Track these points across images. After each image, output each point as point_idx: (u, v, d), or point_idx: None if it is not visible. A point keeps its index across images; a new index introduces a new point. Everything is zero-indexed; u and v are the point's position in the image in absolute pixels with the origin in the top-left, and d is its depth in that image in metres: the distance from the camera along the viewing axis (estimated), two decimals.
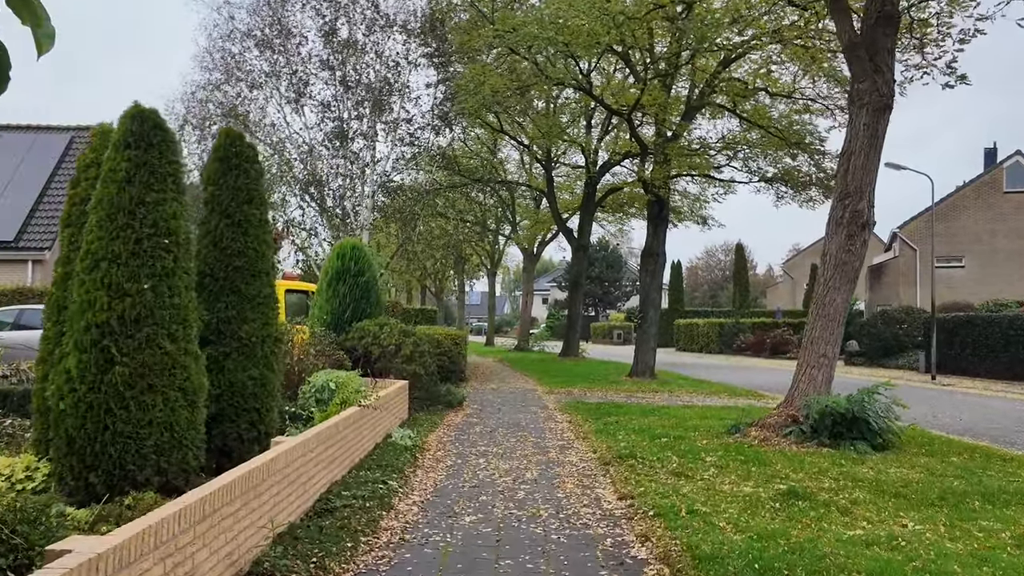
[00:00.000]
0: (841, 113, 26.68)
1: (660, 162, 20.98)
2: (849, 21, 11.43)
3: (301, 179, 25.37)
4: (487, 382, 22.57)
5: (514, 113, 29.69)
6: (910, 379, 28.17)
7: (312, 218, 27.25)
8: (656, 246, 23.58)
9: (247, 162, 8.33)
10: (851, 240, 11.44)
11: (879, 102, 11.24)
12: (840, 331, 11.62)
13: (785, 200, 31.28)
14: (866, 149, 11.34)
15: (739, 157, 29.62)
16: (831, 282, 11.52)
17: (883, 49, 11.25)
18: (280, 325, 8.53)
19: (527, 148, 34.01)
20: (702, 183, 32.67)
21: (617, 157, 30.84)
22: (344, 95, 25.11)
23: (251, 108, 25.29)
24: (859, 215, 11.39)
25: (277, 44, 24.90)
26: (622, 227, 46.22)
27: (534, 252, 47.21)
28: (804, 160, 28.70)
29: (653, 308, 23.97)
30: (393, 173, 27.24)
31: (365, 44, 24.88)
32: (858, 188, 11.38)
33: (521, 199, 44.34)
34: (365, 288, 15.54)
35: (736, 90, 23.85)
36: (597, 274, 70.70)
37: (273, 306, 8.38)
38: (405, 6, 25.77)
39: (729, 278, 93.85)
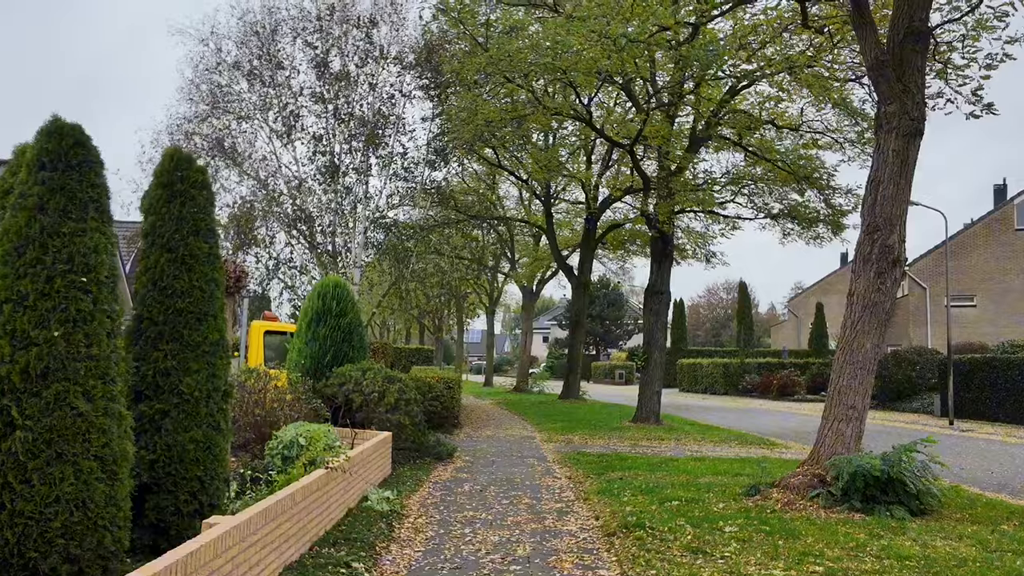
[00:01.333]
0: (851, 147, 25.76)
1: (664, 196, 19.94)
2: (875, 37, 10.41)
3: (290, 215, 24.31)
4: (482, 428, 21.29)
5: (511, 147, 28.79)
6: (926, 424, 26.88)
7: (302, 255, 26.18)
8: (660, 284, 22.45)
9: (195, 188, 7.22)
10: (881, 278, 10.30)
11: (909, 126, 10.17)
12: (871, 380, 10.42)
13: (792, 237, 30.28)
14: (896, 178, 10.25)
15: (744, 192, 28.67)
16: (860, 325, 10.35)
17: (913, 68, 10.21)
18: (230, 377, 7.34)
19: (525, 183, 33.08)
20: (706, 220, 31.66)
21: (618, 193, 29.86)
22: (336, 128, 24.17)
23: (239, 141, 24.33)
24: (889, 250, 10.26)
25: (267, 76, 24.02)
26: (623, 264, 45.18)
27: (533, 290, 46.11)
28: (811, 196, 27.73)
29: (658, 349, 22.77)
30: (387, 209, 26.22)
31: (358, 76, 24.00)
32: (887, 221, 10.27)
33: (520, 236, 43.34)
34: (347, 330, 14.37)
35: (742, 123, 22.91)
36: (598, 312, 69.53)
37: (222, 354, 7.21)
38: (399, 37, 24.95)
39: (731, 316, 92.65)
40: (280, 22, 23.87)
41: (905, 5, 10.21)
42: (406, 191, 26.03)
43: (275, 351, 16.45)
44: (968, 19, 12.67)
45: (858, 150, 25.50)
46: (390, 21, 24.87)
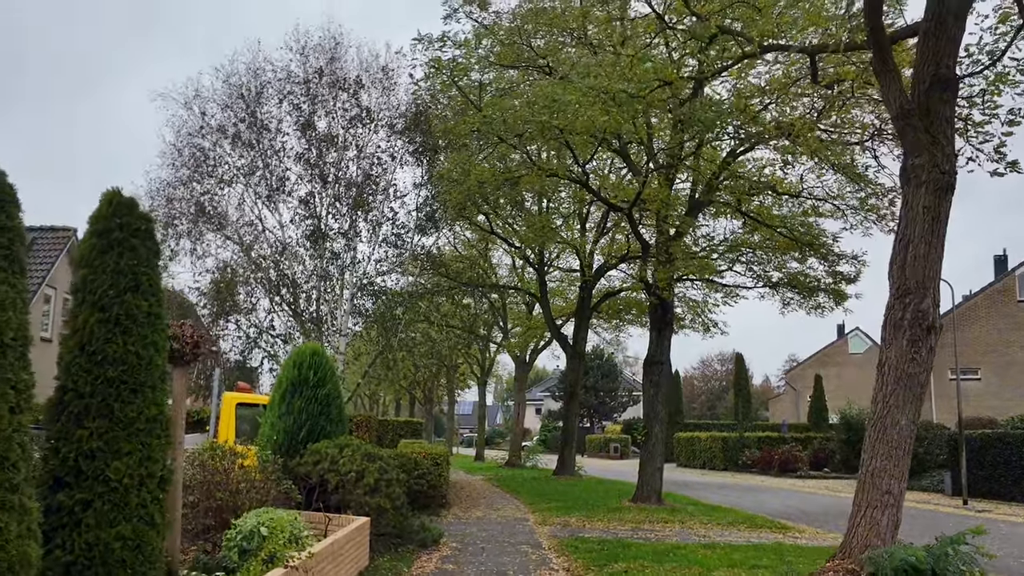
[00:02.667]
0: (853, 214, 25.07)
1: (663, 262, 19.06)
2: (899, 85, 9.63)
3: (273, 280, 23.31)
4: (472, 508, 19.88)
5: (504, 214, 28.08)
6: (938, 503, 25.54)
7: (286, 323, 25.08)
8: (660, 353, 21.37)
9: (136, 236, 6.20)
10: (915, 347, 9.28)
11: (940, 180, 9.30)
12: (907, 461, 9.31)
13: (792, 307, 29.37)
14: (927, 236, 9.33)
15: (743, 260, 27.89)
16: (893, 399, 9.28)
17: (941, 118, 9.40)
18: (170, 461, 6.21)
19: (519, 251, 32.29)
20: (704, 289, 30.80)
21: (614, 260, 29.03)
22: (322, 190, 23.38)
23: (220, 205, 23.48)
24: (923, 316, 9.27)
25: (252, 139, 23.33)
26: (618, 334, 44.13)
27: (526, 360, 44.90)
28: (812, 264, 26.96)
29: (658, 423, 21.56)
30: (375, 275, 25.27)
31: (346, 138, 23.33)
32: (920, 283, 9.31)
33: (513, 304, 42.38)
34: (325, 402, 13.19)
35: (741, 188, 22.25)
36: (592, 384, 68.15)
37: (160, 433, 6.08)
38: (389, 102, 24.39)
39: (727, 388, 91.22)
40: (266, 84, 23.30)
41: (930, 52, 9.47)
42: (395, 257, 25.15)
43: (249, 425, 15.23)
44: (989, 72, 11.98)
45: (860, 217, 24.82)
46: (381, 86, 24.38)
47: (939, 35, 9.42)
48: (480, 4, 21.89)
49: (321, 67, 22.98)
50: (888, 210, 24.13)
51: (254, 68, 23.41)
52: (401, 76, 24.00)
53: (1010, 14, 11.14)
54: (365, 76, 24.13)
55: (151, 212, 23.79)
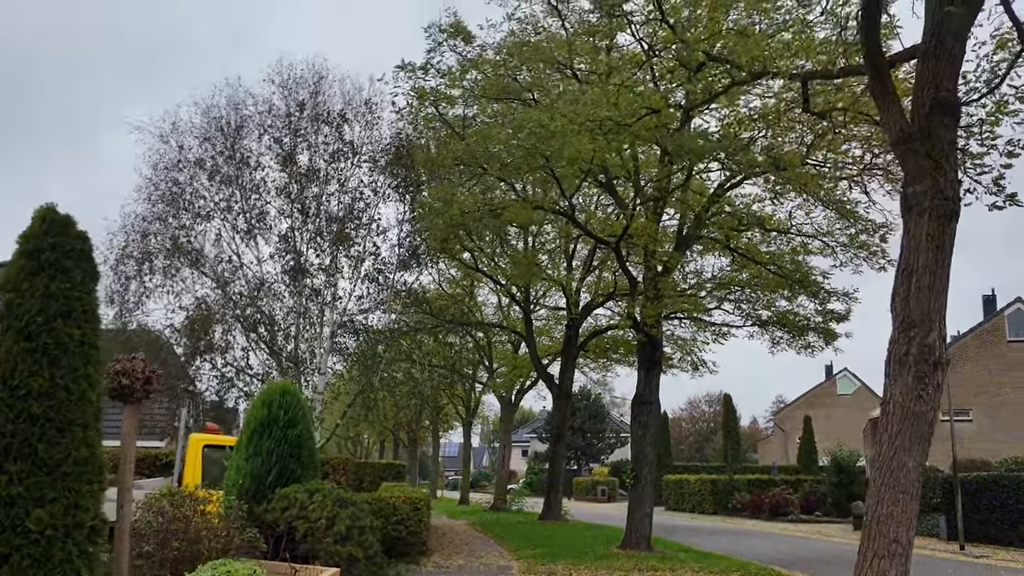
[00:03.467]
0: (843, 251, 24.71)
1: (652, 298, 18.53)
2: (898, 108, 9.20)
3: (250, 317, 22.61)
4: (454, 555, 19.02)
5: (489, 251, 27.59)
6: (935, 548, 24.82)
7: (264, 361, 24.31)
8: (648, 393, 20.73)
9: (70, 258, 5.58)
10: (921, 384, 8.71)
11: (944, 207, 8.83)
12: (915, 507, 8.68)
13: (781, 346, 28.87)
14: (932, 266, 8.82)
15: (731, 299, 27.44)
16: (899, 440, 8.68)
17: (943, 142, 8.96)
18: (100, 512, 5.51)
19: (504, 288, 31.76)
20: (693, 328, 30.30)
21: (600, 299, 28.51)
22: (303, 224, 22.81)
23: (197, 240, 22.87)
24: (929, 351, 8.72)
25: (231, 173, 22.80)
26: (605, 374, 43.45)
27: (512, 400, 44.10)
28: (802, 302, 26.53)
29: (648, 465, 20.83)
30: (356, 312, 24.61)
31: (328, 172, 22.84)
32: (925, 316, 8.77)
33: (498, 343, 41.70)
34: (296, 444, 12.46)
35: (729, 224, 21.86)
36: (579, 425, 67.18)
37: (93, 478, 5.41)
38: (372, 136, 23.98)
39: (714, 430, 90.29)
40: (247, 118, 22.84)
41: (930, 74, 9.06)
42: (377, 294, 24.52)
43: (218, 468, 14.43)
44: (987, 101, 11.61)
45: (850, 254, 24.47)
46: (364, 120, 23.99)
47: (939, 56, 9.02)
48: (464, 38, 21.63)
49: (303, 100, 22.58)
50: (878, 247, 23.82)
51: (235, 101, 23.00)
52: (384, 111, 23.65)
53: (1008, 39, 10.81)
54: (348, 110, 23.77)
55: (126, 248, 23.43)
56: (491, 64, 20.69)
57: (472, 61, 20.38)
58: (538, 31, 20.58)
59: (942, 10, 9.08)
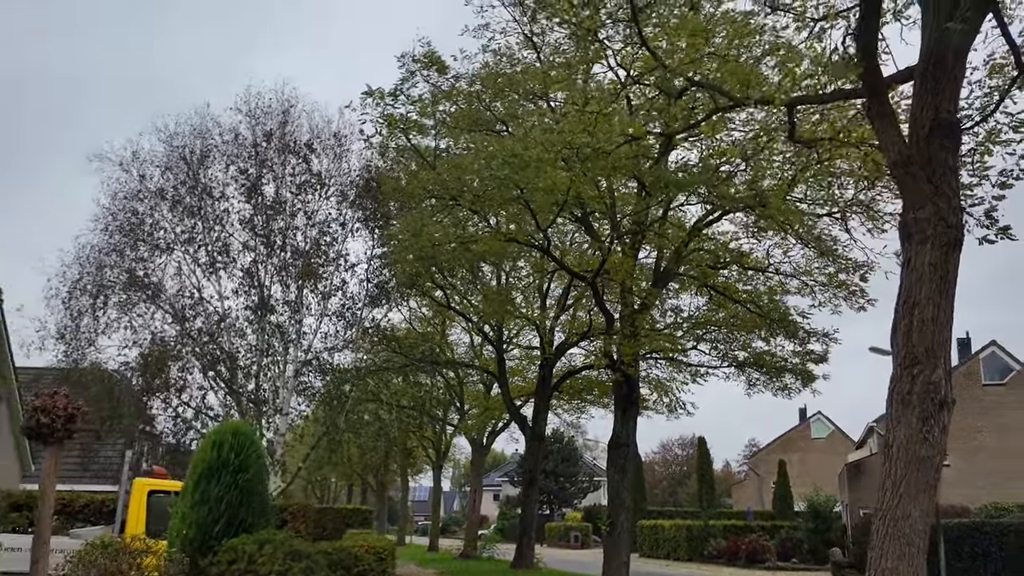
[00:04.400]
0: (821, 290, 24.24)
1: (628, 336, 17.84)
2: (897, 131, 8.66)
3: (209, 354, 21.58)
4: None
5: (461, 288, 26.82)
6: None
7: (223, 401, 23.21)
8: (625, 435, 19.94)
9: None
10: (926, 425, 8.03)
11: (947, 235, 8.24)
12: (922, 560, 7.94)
13: (758, 388, 28.25)
14: (935, 298, 8.20)
15: (707, 339, 26.83)
16: (904, 487, 7.97)
17: (944, 167, 8.41)
18: None
19: (477, 327, 30.95)
20: (670, 368, 29.58)
21: (575, 338, 27.77)
22: (268, 258, 21.94)
23: (155, 274, 21.91)
24: (934, 389, 8.06)
25: (193, 204, 21.95)
26: (579, 416, 42.48)
27: (484, 443, 42.99)
28: (779, 343, 25.99)
29: (624, 511, 19.95)
30: (322, 351, 23.67)
31: (294, 204, 22.06)
32: (929, 351, 8.13)
33: (470, 383, 40.71)
34: (247, 489, 11.46)
35: (705, 261, 21.34)
36: (552, 468, 65.89)
37: None
38: (340, 168, 23.30)
39: (688, 474, 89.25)
40: (212, 147, 22.06)
41: (929, 95, 8.53)
42: (344, 331, 23.62)
43: (161, 516, 13.36)
44: (979, 129, 11.15)
45: (829, 294, 24.00)
46: (332, 153, 23.34)
47: (938, 75, 8.51)
48: (439, 69, 21.07)
49: (271, 130, 21.86)
50: (857, 286, 23.38)
51: (200, 130, 22.23)
52: (353, 143, 23.02)
53: (1003, 65, 10.37)
54: (316, 142, 23.12)
55: (79, 281, 22.36)
56: (465, 95, 20.14)
57: (445, 92, 19.81)
58: (513, 63, 20.12)
59: (940, 27, 8.60)
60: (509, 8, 19.96)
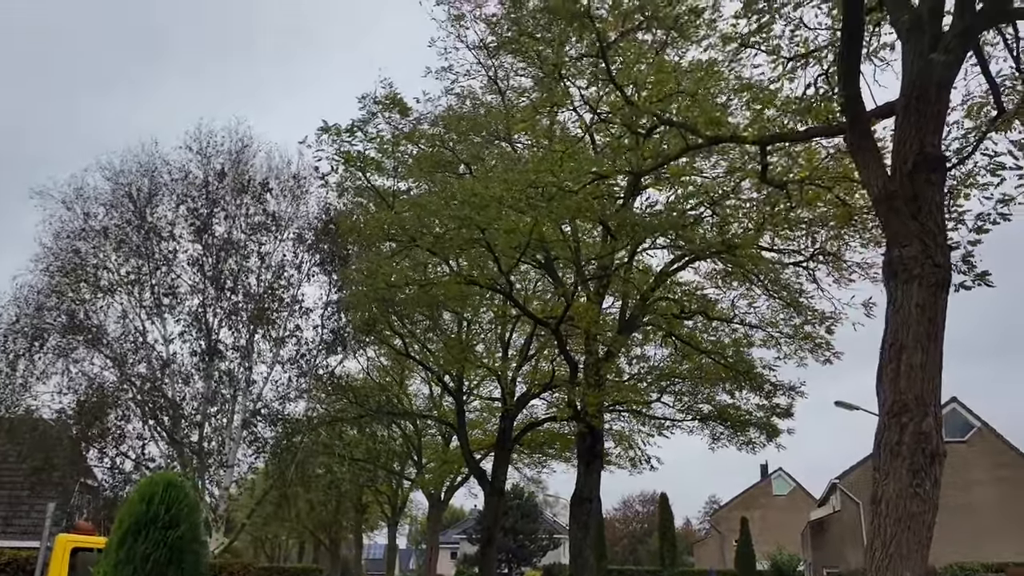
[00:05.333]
0: (787, 343, 23.90)
1: (593, 384, 17.17)
2: (880, 165, 8.25)
3: (151, 402, 20.42)
4: None
5: (420, 335, 25.94)
6: None
7: (166, 452, 21.95)
8: (588, 490, 19.12)
9: None
10: (917, 478, 7.46)
11: (935, 275, 7.76)
12: None
13: (722, 442, 27.69)
14: (923, 341, 7.69)
15: (672, 391, 26.27)
16: (894, 547, 7.34)
17: (930, 203, 7.98)
18: None
19: (436, 376, 30.01)
20: (633, 421, 28.89)
21: (537, 388, 26.99)
22: (217, 300, 20.98)
23: (97, 316, 20.80)
24: (925, 439, 7.50)
25: (139, 244, 21.01)
26: (540, 471, 41.38)
27: (441, 498, 41.63)
28: (744, 396, 25.51)
29: (587, 570, 19.03)
30: (274, 400, 22.61)
31: (247, 244, 21.22)
32: (919, 398, 7.58)
33: (429, 436, 39.53)
34: (178, 547, 10.35)
35: (671, 310, 20.86)
36: (511, 525, 64.23)
37: None
38: (299, 211, 22.59)
39: (649, 531, 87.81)
40: (160, 186, 21.22)
41: (912, 129, 8.14)
42: (298, 378, 22.63)
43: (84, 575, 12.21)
44: (956, 172, 10.85)
45: (795, 346, 23.65)
46: (291, 194, 22.64)
47: (921, 109, 8.13)
48: (401, 111, 20.60)
49: (223, 168, 21.11)
50: (823, 339, 23.07)
51: (150, 168, 21.39)
52: (313, 184, 22.35)
53: (983, 104, 10.11)
54: (275, 183, 22.42)
55: (16, 323, 21.16)
56: (427, 137, 19.66)
57: (407, 134, 19.31)
58: (477, 106, 19.75)
59: (922, 59, 8.26)
60: (473, 51, 19.70)
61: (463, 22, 18.17)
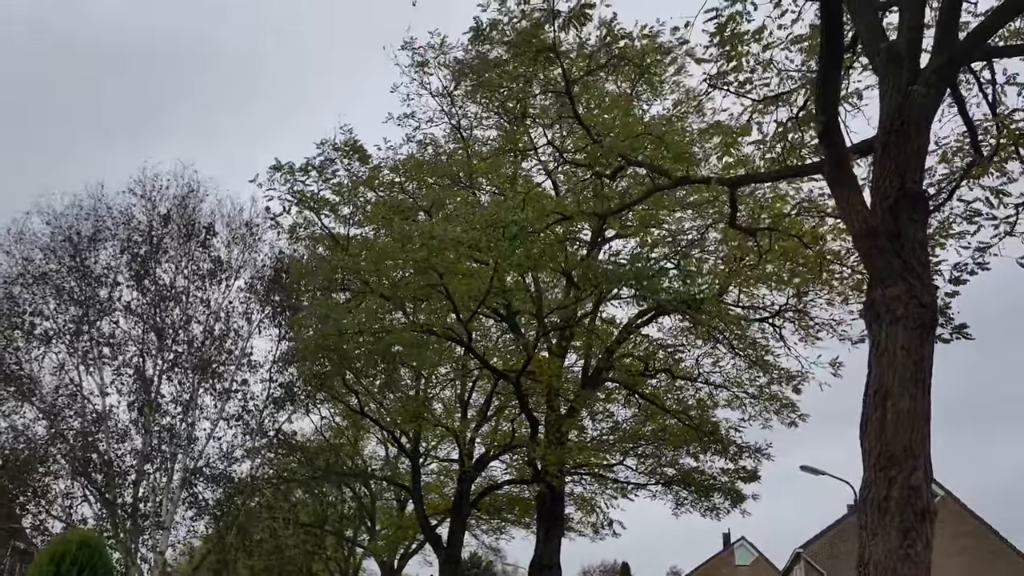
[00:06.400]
0: (752, 403, 23.37)
1: (555, 442, 16.35)
2: (860, 200, 7.76)
3: (82, 458, 19.11)
4: None
5: (375, 391, 24.92)
6: None
7: (98, 513, 20.52)
8: (548, 556, 18.12)
9: None
10: (908, 539, 6.75)
11: (921, 316, 7.22)
12: None
13: (686, 507, 26.91)
14: (910, 387, 7.09)
15: (635, 453, 25.50)
16: None
17: (912, 241, 7.49)
18: None
19: (392, 436, 28.86)
20: (595, 485, 27.96)
21: (497, 449, 26.04)
22: (159, 352, 19.90)
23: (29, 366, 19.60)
24: (915, 494, 6.84)
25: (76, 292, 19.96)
26: (498, 537, 39.90)
27: (395, 566, 39.81)
28: (709, 458, 24.82)
29: None
30: (216, 458, 21.39)
31: (192, 293, 20.27)
32: (907, 449, 6.94)
33: (383, 501, 37.96)
34: None
35: (635, 367, 20.27)
36: None
37: None
38: (249, 259, 21.75)
39: None
40: (103, 230, 20.28)
41: (892, 164, 7.69)
42: (242, 436, 21.47)
43: None
44: (931, 220, 10.46)
45: (760, 407, 23.11)
46: (242, 242, 21.84)
47: (901, 145, 7.70)
48: (360, 158, 19.99)
49: (169, 213, 20.25)
50: (788, 400, 22.60)
51: (89, 211, 20.45)
52: (265, 232, 21.58)
53: (958, 149, 9.78)
54: (225, 230, 21.62)
55: None
56: (385, 185, 19.08)
57: (365, 180, 18.69)
58: (439, 152, 19.30)
59: (899, 95, 7.88)
60: (437, 98, 19.32)
61: (427, 68, 17.81)
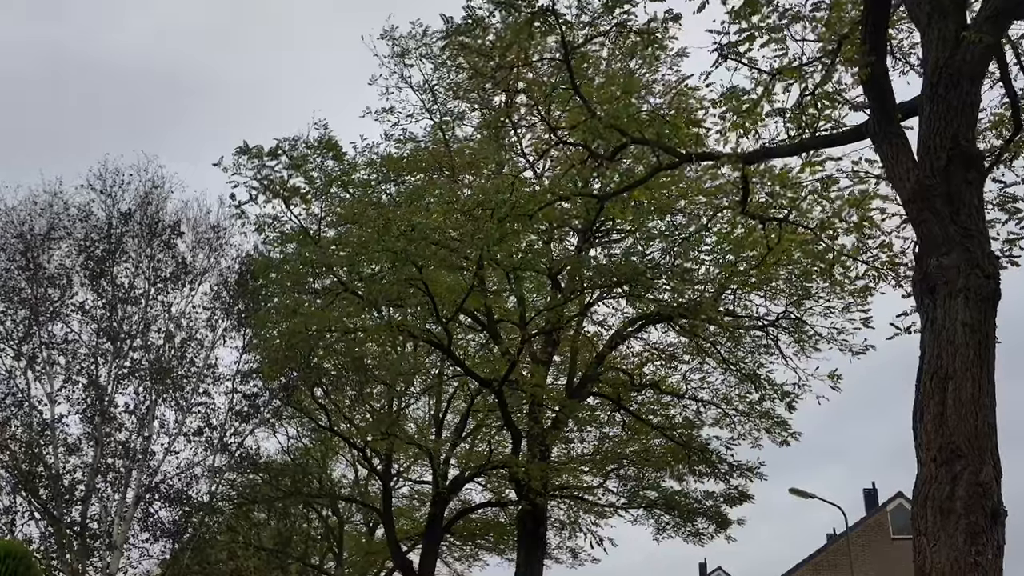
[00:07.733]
0: (742, 422, 22.46)
1: (537, 456, 15.26)
2: (910, 156, 6.84)
3: (25, 472, 17.68)
4: None
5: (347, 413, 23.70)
6: None
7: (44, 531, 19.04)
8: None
9: None
10: (975, 544, 5.74)
11: (984, 287, 6.26)
12: None
13: (668, 532, 25.89)
14: (974, 369, 6.11)
15: (616, 475, 24.47)
16: None
17: (968, 204, 6.57)
18: None
19: (363, 455, 27.56)
20: (575, 508, 26.82)
21: (473, 469, 24.84)
22: (114, 357, 18.59)
23: None
24: (984, 493, 5.84)
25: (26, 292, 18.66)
26: (471, 564, 38.44)
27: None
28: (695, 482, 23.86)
29: None
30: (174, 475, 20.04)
31: (153, 295, 19.00)
32: (972, 440, 5.95)
33: (350, 525, 36.38)
34: None
35: (621, 381, 19.33)
36: None
37: None
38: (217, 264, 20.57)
39: None
40: (57, 227, 19.01)
41: (941, 121, 6.77)
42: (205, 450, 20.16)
43: None
44: None
45: (751, 425, 22.20)
46: (208, 246, 20.69)
47: (951, 100, 6.78)
48: (336, 156, 18.95)
49: (130, 210, 19.02)
50: (779, 417, 21.74)
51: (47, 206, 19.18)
52: (233, 235, 20.43)
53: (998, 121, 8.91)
54: (191, 233, 20.45)
55: None
56: (361, 184, 18.06)
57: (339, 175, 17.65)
58: (420, 152, 18.36)
59: (946, 47, 6.97)
60: (418, 93, 18.40)
61: (407, 59, 16.88)
